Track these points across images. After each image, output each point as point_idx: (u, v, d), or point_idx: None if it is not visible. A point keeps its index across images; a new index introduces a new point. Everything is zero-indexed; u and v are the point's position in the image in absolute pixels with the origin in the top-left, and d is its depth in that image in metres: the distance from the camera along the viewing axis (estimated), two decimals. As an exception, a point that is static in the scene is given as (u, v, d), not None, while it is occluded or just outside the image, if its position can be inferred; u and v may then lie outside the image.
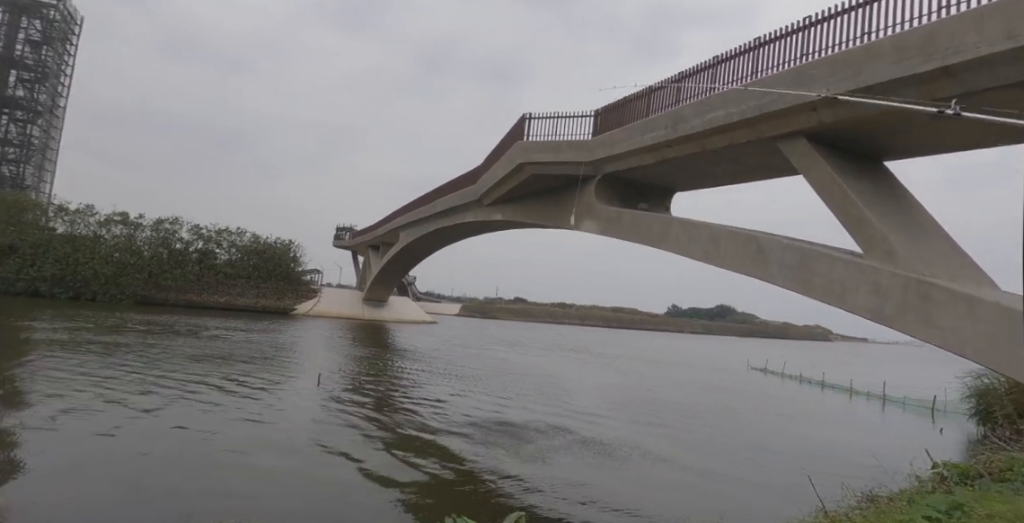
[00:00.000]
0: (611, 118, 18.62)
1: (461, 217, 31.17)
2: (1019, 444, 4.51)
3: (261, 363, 21.30)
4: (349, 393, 16.82)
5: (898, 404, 23.93)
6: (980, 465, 3.95)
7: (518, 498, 8.96)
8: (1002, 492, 3.55)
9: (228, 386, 15.96)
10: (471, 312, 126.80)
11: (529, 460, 11.09)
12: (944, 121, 10.83)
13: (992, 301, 8.57)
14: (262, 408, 13.54)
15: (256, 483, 8.74)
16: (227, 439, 10.74)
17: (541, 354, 40.41)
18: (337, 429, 12.22)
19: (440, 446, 11.65)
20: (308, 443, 10.95)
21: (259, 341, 30.04)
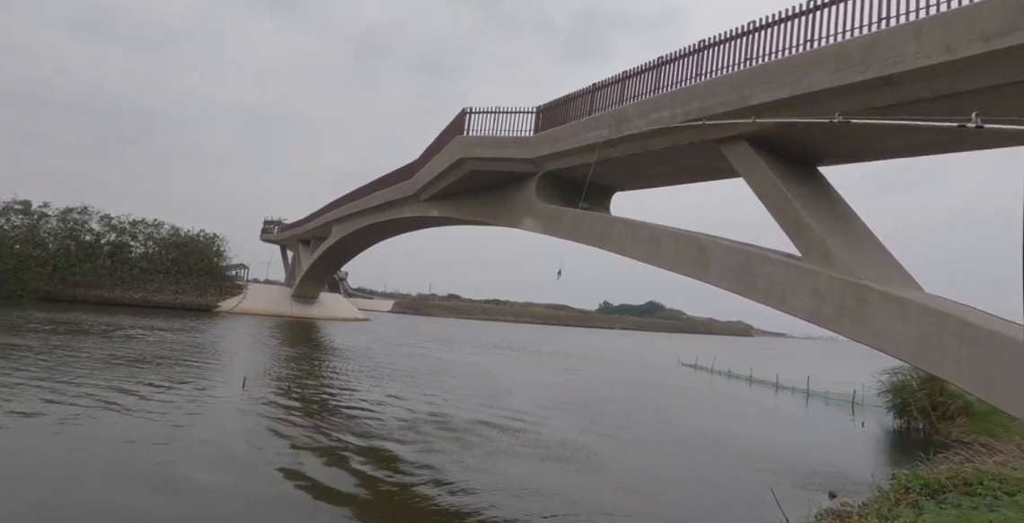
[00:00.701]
0: (553, 115, 18.45)
1: (397, 212, 30.36)
2: (967, 450, 4.52)
3: (180, 366, 19.94)
4: (278, 398, 15.92)
5: (821, 398, 25.09)
6: (944, 476, 3.88)
7: (464, 506, 8.60)
8: (976, 508, 3.49)
9: (143, 392, 14.78)
10: (404, 309, 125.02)
11: (472, 466, 10.73)
12: (874, 130, 11.20)
13: (922, 304, 8.87)
14: (181, 417, 12.55)
15: (173, 501, 7.99)
16: (142, 453, 9.84)
17: (477, 352, 40.08)
18: (265, 439, 11.45)
19: (379, 454, 11.11)
20: (233, 456, 10.17)
21: (178, 341, 28.27)
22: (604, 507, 9.10)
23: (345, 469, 9.99)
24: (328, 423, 13.33)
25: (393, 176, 29.87)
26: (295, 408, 14.67)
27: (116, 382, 15.63)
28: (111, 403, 13.14)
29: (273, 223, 72.62)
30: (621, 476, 10.90)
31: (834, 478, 11.44)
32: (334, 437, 12.07)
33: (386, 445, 11.81)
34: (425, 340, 47.63)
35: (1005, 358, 7.72)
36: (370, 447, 11.59)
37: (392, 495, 9.04)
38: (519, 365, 33.20)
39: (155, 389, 15.17)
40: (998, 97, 9.08)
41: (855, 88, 9.83)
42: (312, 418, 13.76)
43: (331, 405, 15.70)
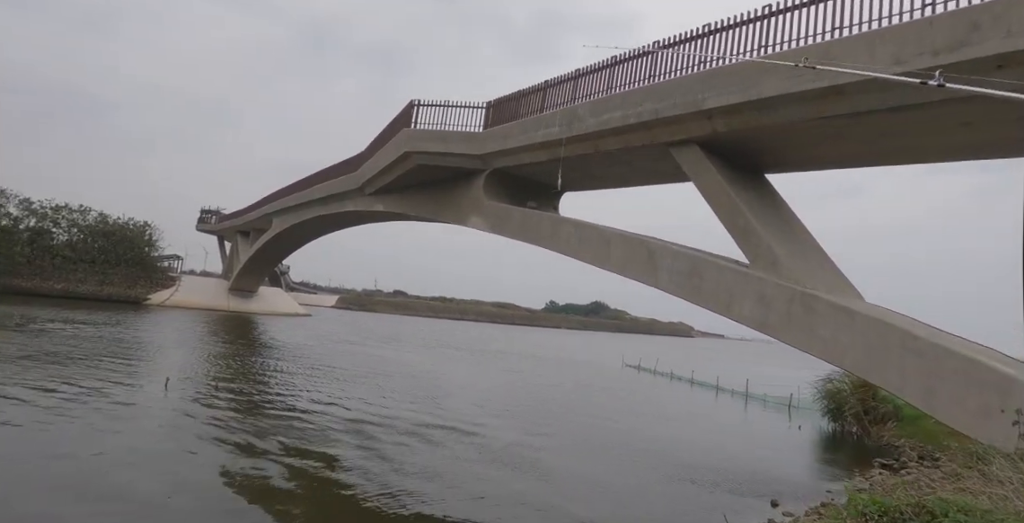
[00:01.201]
0: (504, 111, 18.03)
1: (340, 206, 29.37)
2: (921, 468, 4.37)
3: (98, 364, 18.53)
4: (205, 400, 14.91)
5: (759, 401, 25.60)
6: (904, 504, 3.64)
7: (406, 517, 8.07)
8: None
9: (53, 390, 13.54)
10: (348, 304, 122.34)
11: (413, 472, 10.18)
12: (825, 139, 11.24)
13: (868, 314, 8.87)
14: (90, 423, 11.48)
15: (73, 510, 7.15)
16: (42, 464, 8.87)
17: (421, 351, 39.30)
18: (185, 447, 10.57)
19: (312, 459, 10.40)
20: (145, 470, 9.31)
21: (99, 336, 26.45)
22: (547, 516, 8.74)
23: (275, 478, 9.28)
24: (256, 427, 12.50)
25: (337, 168, 28.85)
26: (220, 411, 13.73)
27: (22, 383, 14.30)
28: (7, 406, 11.94)
29: (210, 213, 69.63)
30: (563, 483, 10.56)
31: (776, 484, 11.46)
32: (262, 443, 11.28)
33: (320, 450, 11.12)
34: (368, 337, 46.46)
35: (947, 370, 7.75)
36: (302, 452, 10.88)
37: (328, 506, 8.42)
38: (463, 365, 32.69)
39: (64, 390, 13.93)
40: (941, 112, 9.19)
41: (808, 96, 9.79)
42: (238, 422, 12.89)
43: (262, 407, 14.82)
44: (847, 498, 4.64)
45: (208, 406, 14.14)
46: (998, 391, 7.28)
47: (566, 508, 9.18)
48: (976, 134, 9.74)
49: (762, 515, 9.22)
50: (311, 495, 8.83)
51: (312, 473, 9.82)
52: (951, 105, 8.80)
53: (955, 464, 6.26)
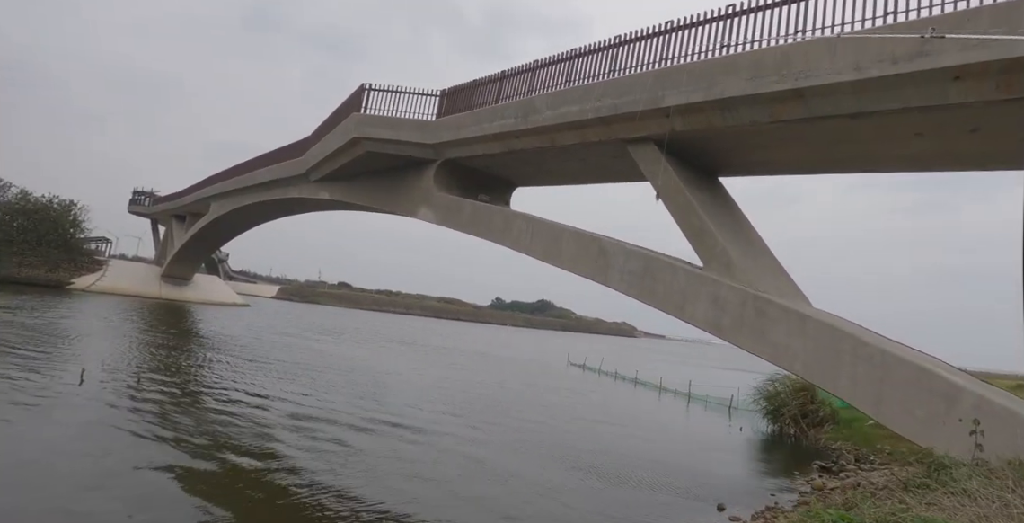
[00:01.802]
0: (458, 101, 17.49)
1: (284, 192, 28.13)
2: (892, 495, 4.19)
3: (4, 353, 17.03)
4: (124, 394, 13.80)
5: (701, 402, 25.94)
6: (872, 519, 3.39)
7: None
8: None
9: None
10: (290, 295, 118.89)
11: (352, 475, 9.58)
12: (781, 143, 11.20)
13: (819, 319, 8.81)
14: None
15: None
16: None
17: (365, 346, 38.25)
18: (100, 449, 9.63)
19: (250, 466, 9.62)
20: (51, 473, 8.39)
21: (12, 322, 24.49)
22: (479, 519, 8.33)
23: (197, 482, 8.52)
24: (177, 425, 11.59)
25: (282, 152, 27.59)
26: (145, 408, 12.71)
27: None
28: None
29: (144, 194, 66.00)
30: (500, 485, 10.18)
31: (720, 486, 11.40)
32: (191, 444, 10.44)
33: (246, 450, 10.37)
34: (310, 330, 44.96)
35: (897, 378, 7.72)
36: (223, 450, 10.11)
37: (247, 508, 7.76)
38: (407, 361, 31.95)
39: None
40: (898, 120, 9.23)
41: (768, 98, 9.69)
42: (165, 419, 11.95)
43: (192, 404, 13.83)
44: (811, 512, 4.40)
45: (130, 403, 13.07)
46: (945, 399, 7.30)
47: (500, 510, 8.79)
48: (927, 145, 9.86)
49: (710, 518, 9.09)
50: (227, 498, 8.13)
51: (233, 474, 9.10)
52: (908, 114, 8.84)
53: (910, 470, 6.16)
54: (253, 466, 9.58)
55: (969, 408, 7.08)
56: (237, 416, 13.07)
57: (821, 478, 11.82)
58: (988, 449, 6.31)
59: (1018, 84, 7.46)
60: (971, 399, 7.17)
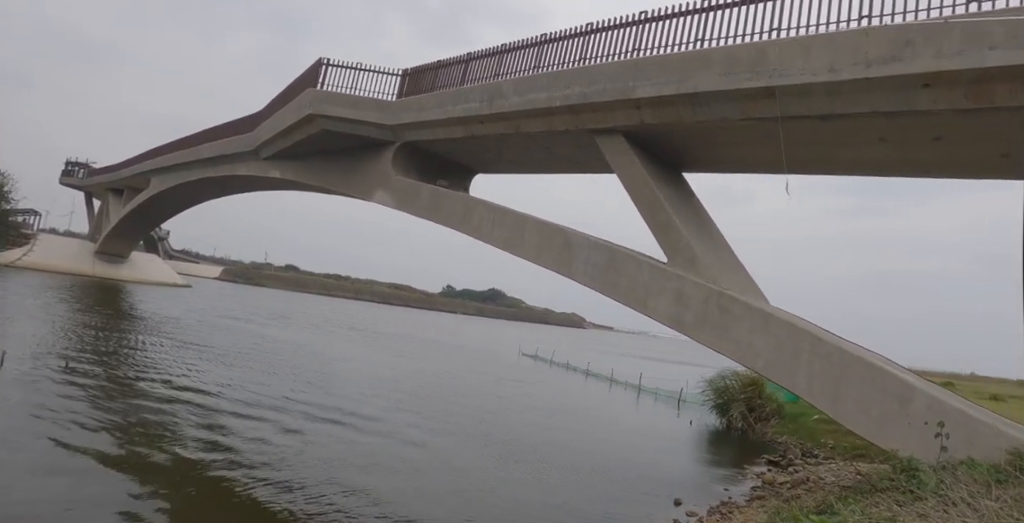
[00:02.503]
0: (421, 81, 16.94)
1: (231, 168, 26.85)
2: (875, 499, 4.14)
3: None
4: (51, 380, 12.88)
5: (651, 394, 26.29)
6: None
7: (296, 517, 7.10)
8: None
9: None
10: (235, 277, 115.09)
11: (298, 466, 9.14)
12: (748, 142, 11.19)
13: (781, 317, 8.84)
14: None
15: None
16: None
17: (314, 331, 37.24)
18: (22, 439, 8.87)
19: (185, 458, 9.04)
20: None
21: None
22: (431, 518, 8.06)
23: (130, 476, 7.93)
24: (111, 415, 10.84)
25: (230, 127, 26.31)
26: (74, 395, 11.86)
27: None
28: None
29: (78, 165, 62.20)
30: (461, 480, 9.94)
31: (674, 480, 11.50)
32: (117, 433, 9.76)
33: (186, 442, 9.78)
34: (256, 314, 43.47)
35: (853, 377, 7.81)
36: (164, 443, 9.52)
37: (211, 508, 7.27)
38: (357, 348, 31.25)
39: None
40: (865, 125, 9.31)
41: (740, 95, 9.61)
42: (90, 408, 11.16)
43: (121, 391, 13.00)
44: (789, 515, 4.31)
45: (58, 388, 12.19)
46: (899, 399, 7.42)
47: (454, 509, 8.55)
48: (890, 150, 10.01)
49: (667, 513, 9.08)
50: (159, 492, 7.61)
51: (166, 467, 8.55)
52: (875, 119, 8.91)
53: (876, 468, 6.20)
54: (188, 458, 9.04)
55: (922, 408, 7.21)
56: (174, 404, 12.38)
57: (771, 472, 12.06)
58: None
59: (987, 95, 7.57)
60: (924, 399, 7.31)
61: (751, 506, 9.05)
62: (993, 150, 9.30)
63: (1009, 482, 4.49)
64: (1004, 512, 3.48)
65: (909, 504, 4.01)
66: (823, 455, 13.72)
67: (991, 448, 6.29)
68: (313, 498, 8.02)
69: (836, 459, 12.80)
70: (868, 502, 4.25)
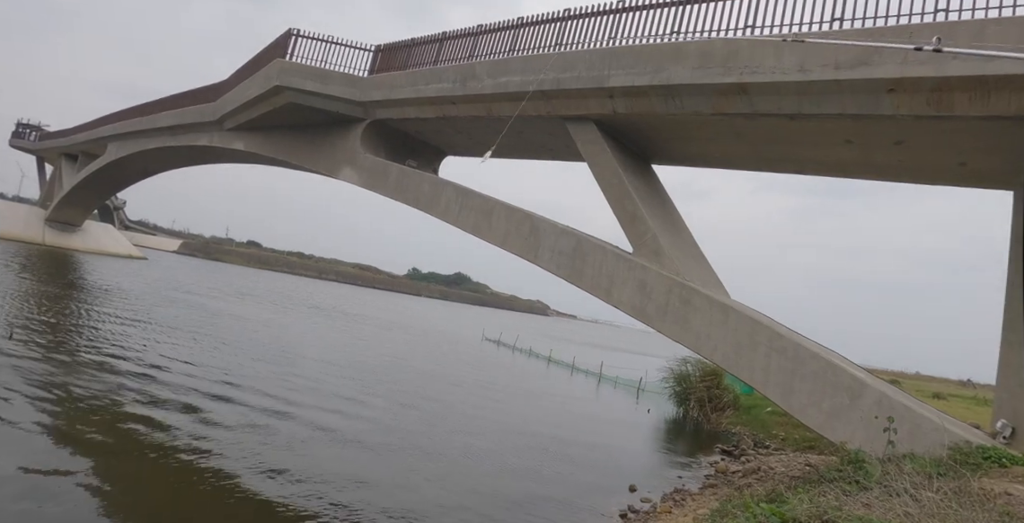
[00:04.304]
0: (394, 58, 16.62)
1: (193, 138, 25.99)
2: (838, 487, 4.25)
3: None
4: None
5: (610, 382, 26.67)
6: (807, 515, 3.38)
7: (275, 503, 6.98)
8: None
9: None
10: (193, 251, 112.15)
11: (272, 453, 8.96)
12: (718, 136, 11.29)
13: (740, 311, 8.99)
14: None
15: None
16: None
17: (277, 310, 36.58)
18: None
19: (131, 437, 8.79)
20: None
21: None
22: (395, 501, 8.03)
23: (89, 456, 7.68)
24: (55, 389, 10.48)
25: (193, 95, 25.40)
26: (17, 365, 11.41)
27: None
28: None
29: (30, 127, 59.44)
30: (419, 466, 9.92)
31: (631, 468, 11.72)
32: (61, 407, 9.44)
33: (132, 419, 9.51)
34: (216, 290, 42.46)
35: (807, 371, 8.01)
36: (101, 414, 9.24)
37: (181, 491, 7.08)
38: (327, 330, 30.85)
39: None
40: (832, 126, 9.47)
41: (712, 90, 9.66)
42: (31, 376, 10.77)
43: (67, 364, 12.57)
44: (742, 503, 4.40)
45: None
46: (850, 393, 7.64)
47: (417, 490, 8.55)
48: (854, 152, 10.21)
49: (621, 499, 9.24)
50: (103, 472, 7.41)
51: (112, 446, 8.31)
52: (842, 120, 9.07)
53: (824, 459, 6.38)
54: (134, 437, 8.79)
55: (872, 403, 7.45)
56: (115, 376, 12.01)
57: (724, 461, 12.37)
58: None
59: (947, 102, 7.77)
60: (874, 395, 7.55)
61: (703, 493, 9.28)
62: (952, 158, 9.58)
63: (949, 475, 4.68)
64: (943, 503, 3.63)
65: (855, 494, 4.15)
66: (774, 446, 14.14)
67: (933, 443, 6.55)
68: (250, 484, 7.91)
69: (786, 450, 13.21)
70: (816, 491, 4.37)
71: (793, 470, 9.44)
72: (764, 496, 4.75)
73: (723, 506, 4.91)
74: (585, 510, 8.66)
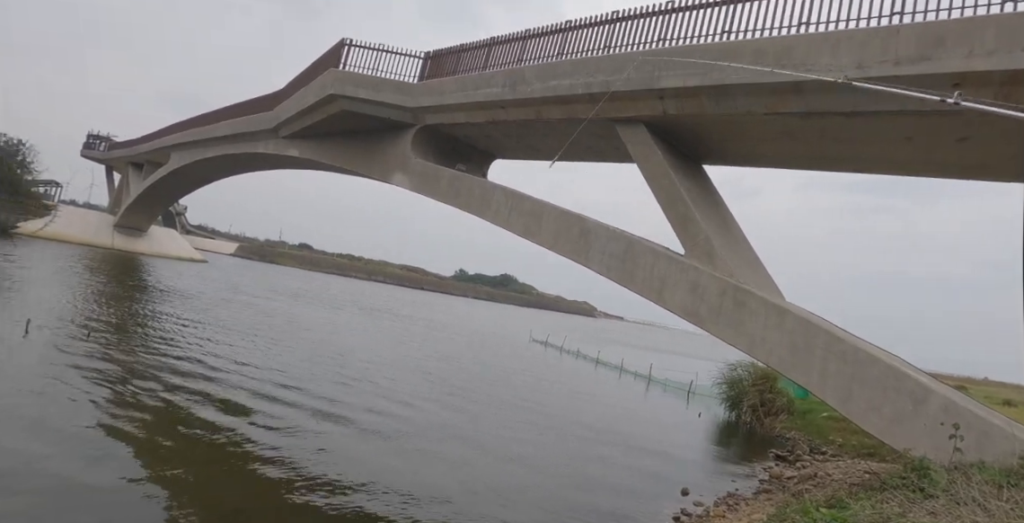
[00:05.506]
0: (443, 65, 16.92)
1: (251, 146, 27.02)
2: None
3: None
4: (70, 348, 13.19)
5: (660, 385, 26.38)
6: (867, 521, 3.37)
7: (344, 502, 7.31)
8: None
9: None
10: (249, 254, 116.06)
11: (345, 457, 9.31)
12: (773, 136, 11.11)
13: (797, 314, 8.85)
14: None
15: None
16: None
17: (328, 311, 37.59)
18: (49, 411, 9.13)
19: (207, 429, 9.27)
20: None
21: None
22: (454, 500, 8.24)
23: (144, 445, 8.18)
24: (142, 387, 11.11)
25: (251, 105, 26.42)
26: (93, 365, 12.15)
27: None
28: None
29: (99, 138, 62.88)
30: (478, 466, 10.11)
31: (683, 471, 11.63)
32: (138, 405, 10.02)
33: (215, 415, 10.02)
34: (272, 291, 43.96)
35: (868, 376, 7.83)
36: (195, 417, 9.76)
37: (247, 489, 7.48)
38: (381, 332, 31.56)
39: None
40: (892, 123, 9.22)
41: (766, 89, 9.54)
42: (116, 378, 11.45)
43: (147, 362, 13.29)
44: (801, 508, 4.39)
45: (80, 360, 12.45)
46: (913, 399, 7.44)
47: (477, 490, 8.73)
48: (916, 150, 9.90)
49: (673, 502, 9.21)
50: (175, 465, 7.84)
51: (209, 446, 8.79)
52: (902, 117, 8.82)
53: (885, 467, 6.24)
54: (206, 431, 9.26)
55: (937, 409, 7.23)
56: (193, 374, 12.64)
57: (778, 466, 12.13)
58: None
59: (1017, 96, 7.46)
60: (939, 400, 7.32)
61: (757, 499, 9.14)
62: (1020, 153, 9.18)
63: (1020, 485, 4.53)
64: (1014, 513, 3.54)
65: (920, 502, 4.07)
66: (831, 452, 13.76)
67: (1003, 452, 6.32)
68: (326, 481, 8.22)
69: (844, 456, 12.84)
70: (879, 498, 4.31)
71: (852, 477, 9.21)
72: (823, 502, 4.70)
73: (780, 511, 4.87)
74: (637, 513, 8.66)
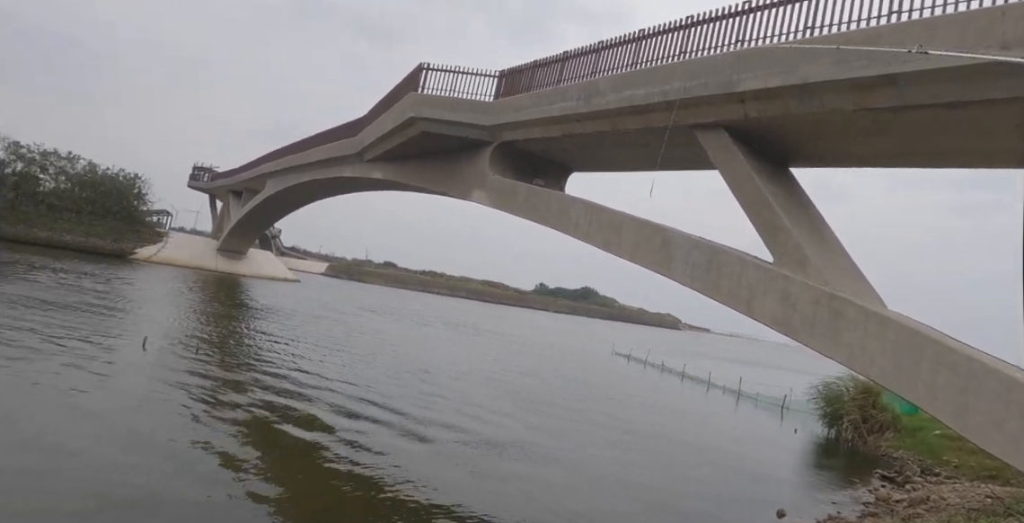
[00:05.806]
0: (517, 82, 17.16)
1: (338, 171, 28.40)
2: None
3: (76, 316, 17.78)
4: (183, 363, 14.23)
5: (751, 399, 25.22)
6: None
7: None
8: None
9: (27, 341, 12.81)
10: (338, 273, 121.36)
11: (429, 461, 9.57)
12: (863, 133, 10.49)
13: (901, 323, 8.24)
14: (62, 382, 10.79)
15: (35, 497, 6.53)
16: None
17: (413, 327, 38.66)
18: (162, 418, 9.89)
19: (308, 439, 9.76)
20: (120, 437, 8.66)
21: (81, 288, 25.60)
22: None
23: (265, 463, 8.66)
24: (244, 400, 11.85)
25: (337, 132, 27.83)
26: (204, 378, 13.07)
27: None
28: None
29: (203, 170, 68.06)
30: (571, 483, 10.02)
31: (778, 491, 11.06)
32: (250, 416, 10.66)
33: (315, 429, 10.51)
34: (360, 309, 45.74)
35: (985, 389, 7.16)
36: (297, 427, 10.29)
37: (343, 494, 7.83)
38: (468, 347, 32.10)
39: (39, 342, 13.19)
40: (1001, 112, 8.49)
41: (854, 84, 9.04)
42: (221, 391, 12.25)
43: (247, 377, 14.16)
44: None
45: (187, 371, 13.46)
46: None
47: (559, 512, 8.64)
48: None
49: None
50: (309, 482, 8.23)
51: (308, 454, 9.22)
52: (1014, 104, 8.09)
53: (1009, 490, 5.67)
54: (311, 445, 9.67)
55: (1071, 427, 6.50)
56: (294, 390, 13.27)
57: (884, 488, 11.26)
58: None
59: None
60: (1073, 417, 6.58)
61: (863, 522, 8.52)
62: None
63: None
64: None
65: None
66: (945, 474, 12.63)
67: None
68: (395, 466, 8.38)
69: (961, 479, 11.75)
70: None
71: (971, 501, 8.40)
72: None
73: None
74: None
